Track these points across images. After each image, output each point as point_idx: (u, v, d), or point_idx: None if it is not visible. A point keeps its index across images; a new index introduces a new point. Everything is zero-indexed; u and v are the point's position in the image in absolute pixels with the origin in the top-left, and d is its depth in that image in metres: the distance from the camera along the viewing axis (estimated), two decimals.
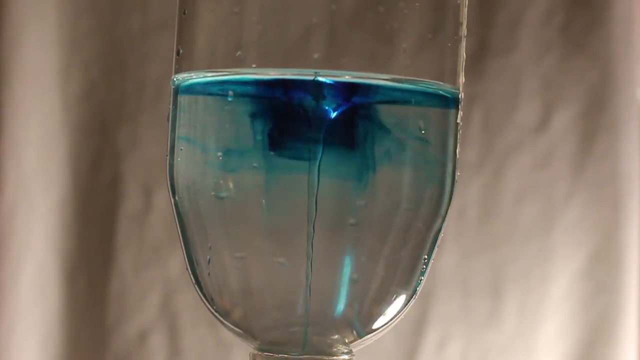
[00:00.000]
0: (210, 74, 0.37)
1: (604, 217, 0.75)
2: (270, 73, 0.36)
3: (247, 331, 0.37)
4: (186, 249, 0.37)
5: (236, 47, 0.36)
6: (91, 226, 0.73)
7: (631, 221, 0.75)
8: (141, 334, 0.73)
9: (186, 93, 0.37)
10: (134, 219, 0.73)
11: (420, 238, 0.37)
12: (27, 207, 0.72)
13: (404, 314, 0.38)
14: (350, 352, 0.37)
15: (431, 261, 0.38)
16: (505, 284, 0.75)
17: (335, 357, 0.37)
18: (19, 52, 0.70)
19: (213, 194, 0.36)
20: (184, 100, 0.37)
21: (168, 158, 0.38)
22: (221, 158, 0.36)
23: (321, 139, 0.35)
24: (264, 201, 0.36)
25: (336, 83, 0.35)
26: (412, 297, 0.37)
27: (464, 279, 0.75)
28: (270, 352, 0.37)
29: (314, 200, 0.35)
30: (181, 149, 0.37)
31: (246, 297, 0.37)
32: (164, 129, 0.38)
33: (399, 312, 0.37)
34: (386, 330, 0.38)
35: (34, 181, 0.72)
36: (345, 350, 0.37)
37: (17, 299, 0.72)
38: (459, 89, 0.37)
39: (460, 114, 0.38)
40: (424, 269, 0.37)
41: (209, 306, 0.38)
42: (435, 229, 0.37)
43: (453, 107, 0.37)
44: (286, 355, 0.37)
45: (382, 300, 0.37)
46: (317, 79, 0.35)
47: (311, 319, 0.36)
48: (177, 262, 0.73)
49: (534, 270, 0.75)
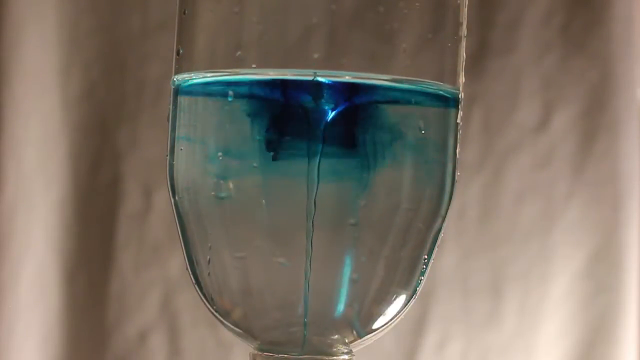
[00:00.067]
0: (210, 74, 0.37)
1: (604, 217, 0.75)
2: (269, 73, 0.36)
3: (247, 331, 0.37)
4: (186, 249, 0.37)
5: (236, 47, 0.36)
6: (91, 226, 0.73)
7: (631, 221, 0.75)
8: (141, 334, 0.73)
9: (186, 93, 0.37)
10: (134, 219, 0.73)
11: (420, 238, 0.37)
12: (27, 207, 0.72)
13: (404, 314, 0.38)
14: (350, 352, 0.37)
15: (431, 261, 0.38)
16: (505, 284, 0.75)
17: (335, 357, 0.37)
18: (19, 52, 0.70)
19: (213, 194, 0.36)
20: (184, 101, 0.37)
21: (168, 158, 0.38)
22: (221, 158, 0.36)
23: (321, 139, 0.35)
24: (263, 201, 0.35)
25: (335, 83, 0.35)
26: (412, 297, 0.37)
27: (464, 279, 0.75)
28: (270, 352, 0.37)
29: (312, 199, 0.35)
30: (181, 149, 0.37)
31: (246, 297, 0.37)
32: (164, 129, 0.38)
33: (399, 312, 0.37)
34: (386, 330, 0.38)
35: (34, 181, 0.72)
36: (345, 350, 0.37)
37: (17, 299, 0.72)
38: (459, 89, 0.37)
39: (460, 114, 0.38)
40: (424, 269, 0.37)
41: (209, 306, 0.37)
42: (435, 229, 0.37)
43: (453, 107, 0.37)
44: (286, 355, 0.37)
45: (382, 300, 0.37)
46: (316, 79, 0.35)
47: (311, 319, 0.36)
48: (177, 262, 0.73)
49: (534, 270, 0.75)
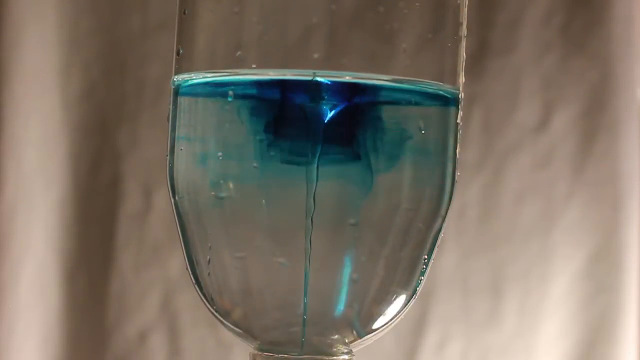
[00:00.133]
0: (210, 75, 0.37)
1: (604, 217, 0.75)
2: (269, 73, 0.36)
3: (247, 331, 0.37)
4: (186, 249, 0.37)
5: (236, 47, 0.36)
6: (91, 226, 0.73)
7: (631, 221, 0.75)
8: (141, 334, 0.73)
9: (186, 93, 0.37)
10: (134, 219, 0.73)
11: (420, 238, 0.37)
12: (27, 207, 0.72)
13: (404, 314, 0.38)
14: (350, 352, 0.37)
15: (431, 261, 0.38)
16: (505, 284, 0.75)
17: (335, 357, 0.37)
18: (19, 52, 0.70)
19: (213, 194, 0.36)
20: (184, 101, 0.37)
21: (168, 158, 0.38)
22: (221, 158, 0.36)
23: (320, 139, 0.35)
24: (263, 201, 0.35)
25: (334, 83, 0.35)
26: (412, 297, 0.37)
27: (464, 279, 0.75)
28: (270, 352, 0.37)
29: (312, 197, 0.35)
30: (181, 149, 0.37)
31: (246, 297, 0.37)
32: (164, 129, 0.38)
33: (399, 312, 0.37)
34: (386, 330, 0.38)
35: (34, 181, 0.72)
36: (345, 350, 0.37)
37: (17, 299, 0.72)
38: (459, 89, 0.37)
39: (460, 114, 0.38)
40: (424, 269, 0.37)
41: (209, 306, 0.37)
42: (435, 229, 0.37)
43: (453, 107, 0.37)
44: (286, 355, 0.37)
45: (382, 300, 0.37)
46: (315, 79, 0.35)
47: (311, 319, 0.36)
48: (177, 262, 0.73)
49: (534, 270, 0.75)
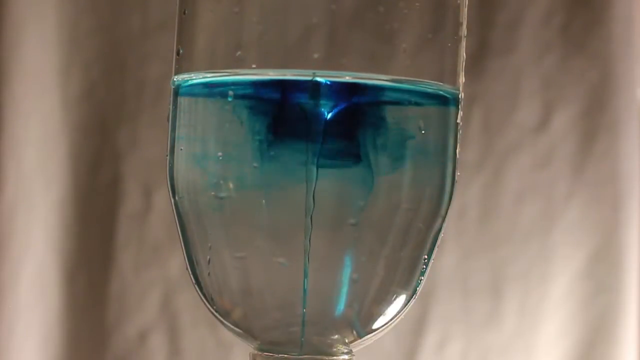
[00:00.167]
0: (210, 75, 0.37)
1: (604, 217, 0.75)
2: (269, 73, 0.36)
3: (247, 331, 0.37)
4: (186, 249, 0.37)
5: (236, 47, 0.36)
6: (91, 226, 0.73)
7: (631, 221, 0.75)
8: (141, 334, 0.73)
9: (186, 93, 0.37)
10: (134, 219, 0.73)
11: (420, 238, 0.37)
12: (27, 207, 0.72)
13: (404, 314, 0.38)
14: (350, 352, 0.37)
15: (431, 261, 0.38)
16: (505, 284, 0.75)
17: (335, 357, 0.37)
18: (19, 52, 0.70)
19: (213, 194, 0.36)
20: (184, 101, 0.37)
21: (168, 158, 0.38)
22: (221, 158, 0.36)
23: (320, 139, 0.35)
24: (263, 201, 0.35)
25: (334, 83, 0.35)
26: (412, 297, 0.37)
27: (464, 279, 0.75)
28: (270, 352, 0.37)
29: (311, 195, 0.35)
30: (181, 149, 0.37)
31: (246, 297, 0.37)
32: (164, 129, 0.38)
33: (399, 312, 0.37)
34: (386, 330, 0.38)
35: (34, 181, 0.72)
36: (345, 350, 0.37)
37: (17, 299, 0.72)
38: (459, 89, 0.37)
39: (460, 114, 0.38)
40: (424, 269, 0.37)
41: (209, 306, 0.37)
42: (435, 229, 0.37)
43: (453, 107, 0.37)
44: (286, 355, 0.37)
45: (382, 300, 0.37)
46: (315, 79, 0.35)
47: (311, 318, 0.36)
48: (177, 262, 0.73)
49: (534, 270, 0.75)
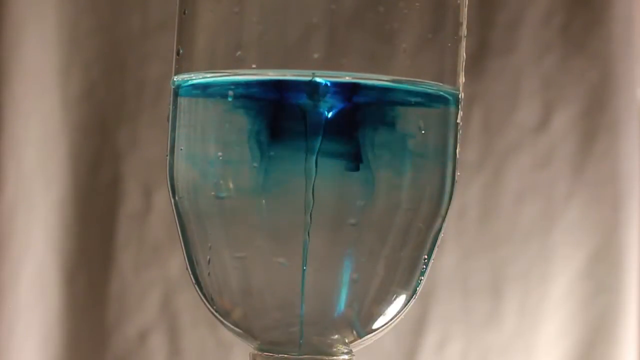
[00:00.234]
0: (210, 75, 0.37)
1: (604, 217, 0.75)
2: (269, 74, 0.36)
3: (247, 331, 0.37)
4: (186, 249, 0.37)
5: (236, 47, 0.36)
6: (91, 226, 0.73)
7: (631, 221, 0.75)
8: (141, 334, 0.73)
9: (186, 93, 0.37)
10: (134, 219, 0.73)
11: (420, 238, 0.37)
12: (27, 207, 0.72)
13: (404, 314, 0.38)
14: (350, 352, 0.37)
15: (431, 261, 0.38)
16: (505, 284, 0.75)
17: (335, 357, 0.37)
18: (19, 52, 0.70)
19: (213, 194, 0.36)
20: (184, 101, 0.37)
21: (168, 158, 0.38)
22: (221, 158, 0.36)
23: (319, 140, 0.35)
24: (263, 201, 0.35)
25: (333, 84, 0.35)
26: (412, 297, 0.37)
27: (464, 279, 0.75)
28: (270, 352, 0.37)
29: (311, 193, 0.35)
30: (181, 149, 0.37)
31: (246, 297, 0.37)
32: (164, 129, 0.38)
33: (399, 312, 0.37)
34: (386, 330, 0.38)
35: (34, 181, 0.72)
36: (345, 350, 0.37)
37: (17, 299, 0.72)
38: (459, 89, 0.37)
39: (460, 114, 0.38)
40: (424, 269, 0.37)
41: (209, 306, 0.37)
42: (435, 229, 0.37)
43: (453, 107, 0.37)
44: (286, 355, 0.37)
45: (382, 300, 0.37)
46: (314, 79, 0.35)
47: (311, 319, 0.36)
48: (177, 262, 0.73)
49: (534, 270, 0.75)
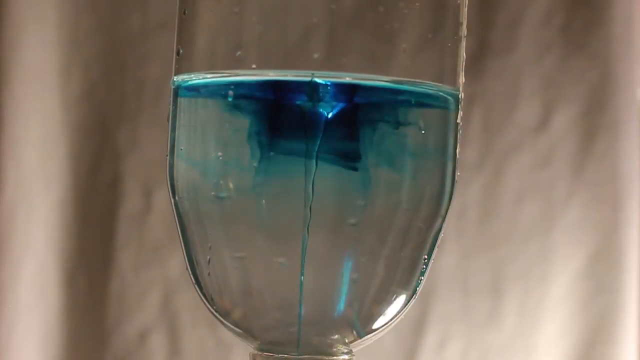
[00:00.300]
0: (210, 75, 0.37)
1: (604, 217, 0.75)
2: (269, 74, 0.36)
3: (247, 331, 0.37)
4: (186, 249, 0.37)
5: (236, 47, 0.36)
6: (91, 226, 0.73)
7: (631, 221, 0.75)
8: (141, 334, 0.73)
9: (186, 94, 0.37)
10: (134, 219, 0.73)
11: (421, 238, 0.37)
12: (27, 207, 0.72)
13: (404, 314, 0.38)
14: (350, 352, 0.37)
15: (431, 261, 0.38)
16: (505, 284, 0.75)
17: (335, 357, 0.37)
18: (19, 52, 0.70)
19: (213, 194, 0.36)
20: (184, 101, 0.37)
21: (168, 158, 0.38)
22: (221, 158, 0.36)
23: (319, 140, 0.35)
24: (263, 201, 0.35)
25: (333, 84, 0.35)
26: (412, 297, 0.37)
27: (464, 279, 0.75)
28: (270, 352, 0.37)
29: (310, 186, 0.35)
30: (181, 149, 0.37)
31: (246, 297, 0.37)
32: (164, 129, 0.38)
33: (399, 312, 0.37)
34: (386, 330, 0.38)
35: (34, 181, 0.72)
36: (345, 350, 0.37)
37: (17, 299, 0.72)
38: (459, 89, 0.37)
39: (460, 114, 0.38)
40: (424, 269, 0.37)
41: (209, 306, 0.37)
42: (435, 229, 0.37)
43: (453, 108, 0.37)
44: (286, 355, 0.37)
45: (382, 300, 0.37)
46: (314, 80, 0.35)
47: (311, 318, 0.36)
48: (177, 262, 0.73)
49: (534, 270, 0.75)
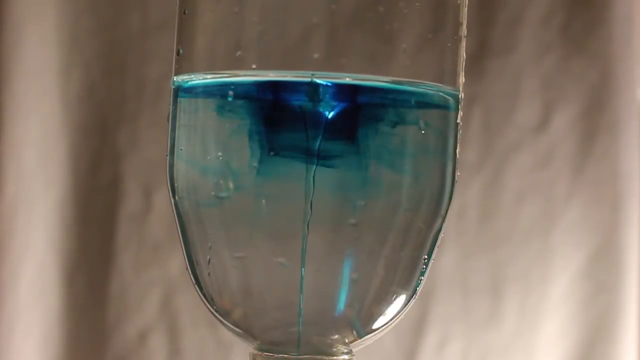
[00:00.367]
0: (210, 75, 0.37)
1: (604, 217, 0.75)
2: (269, 74, 0.36)
3: (247, 331, 0.37)
4: (186, 249, 0.37)
5: (236, 47, 0.36)
6: (91, 226, 0.73)
7: (631, 221, 0.75)
8: (141, 334, 0.73)
9: (186, 94, 0.37)
10: (134, 219, 0.73)
11: (421, 238, 0.37)
12: (27, 207, 0.72)
13: (404, 314, 0.38)
14: (350, 352, 0.37)
15: (431, 261, 0.38)
16: (505, 284, 0.75)
17: (335, 357, 0.37)
18: (19, 52, 0.70)
19: (213, 194, 0.36)
20: (184, 101, 0.37)
21: (168, 158, 0.38)
22: (221, 158, 0.36)
23: (319, 140, 0.35)
24: (263, 201, 0.35)
25: (333, 84, 0.35)
26: (412, 297, 0.37)
27: (464, 279, 0.75)
28: (270, 352, 0.37)
29: (310, 180, 0.35)
30: (181, 149, 0.37)
31: (246, 297, 0.37)
32: (164, 129, 0.38)
33: (399, 312, 0.37)
34: (386, 330, 0.38)
35: (34, 181, 0.72)
36: (345, 350, 0.37)
37: (17, 299, 0.72)
38: (459, 89, 0.37)
39: (460, 114, 0.38)
40: (424, 269, 0.37)
41: (209, 306, 0.37)
42: (435, 229, 0.37)
43: (453, 108, 0.37)
44: (286, 355, 0.37)
45: (382, 300, 0.37)
46: (313, 80, 0.35)
47: (311, 318, 0.36)
48: (177, 262, 0.73)
49: (534, 270, 0.75)
